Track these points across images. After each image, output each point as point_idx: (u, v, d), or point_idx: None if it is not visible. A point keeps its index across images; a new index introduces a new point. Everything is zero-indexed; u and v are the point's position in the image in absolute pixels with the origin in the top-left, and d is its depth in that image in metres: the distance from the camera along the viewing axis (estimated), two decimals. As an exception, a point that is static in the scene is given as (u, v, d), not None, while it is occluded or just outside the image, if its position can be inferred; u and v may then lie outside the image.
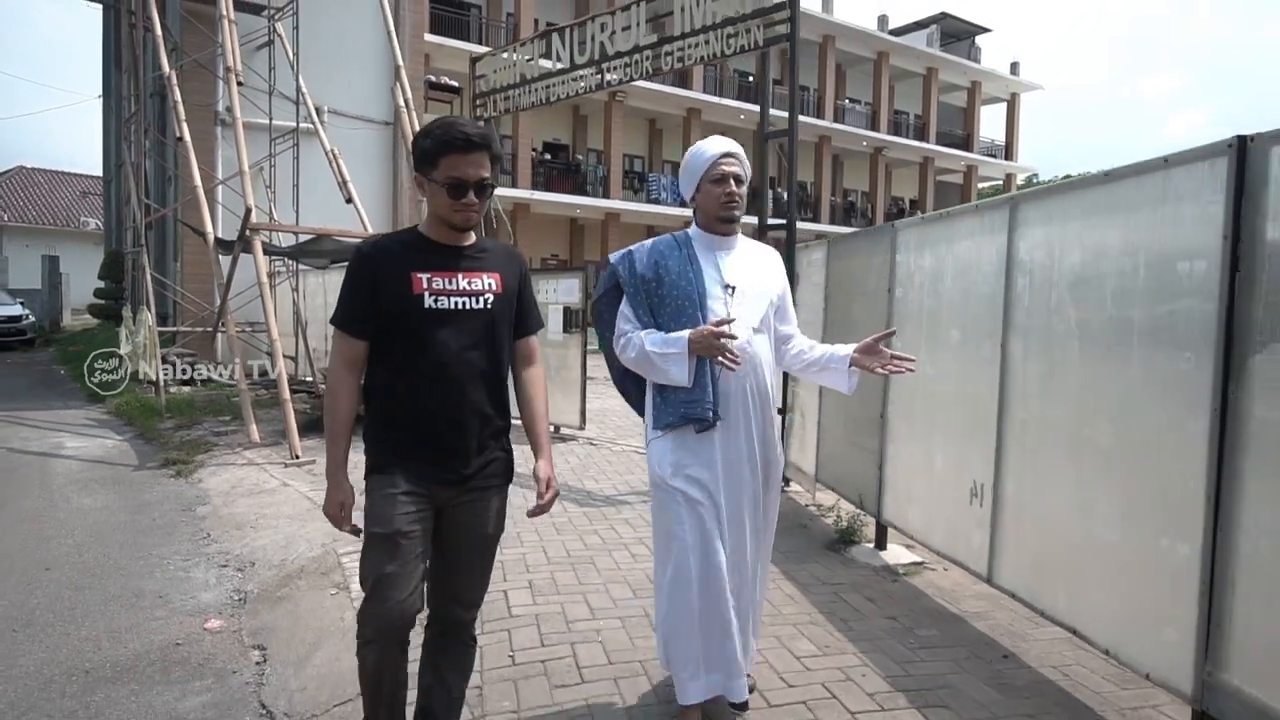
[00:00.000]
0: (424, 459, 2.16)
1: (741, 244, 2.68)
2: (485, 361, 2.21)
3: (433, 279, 2.15)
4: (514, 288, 2.29)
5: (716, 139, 2.65)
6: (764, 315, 2.59)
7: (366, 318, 2.14)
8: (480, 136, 2.11)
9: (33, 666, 3.32)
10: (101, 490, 6.35)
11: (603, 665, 3.07)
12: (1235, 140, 2.27)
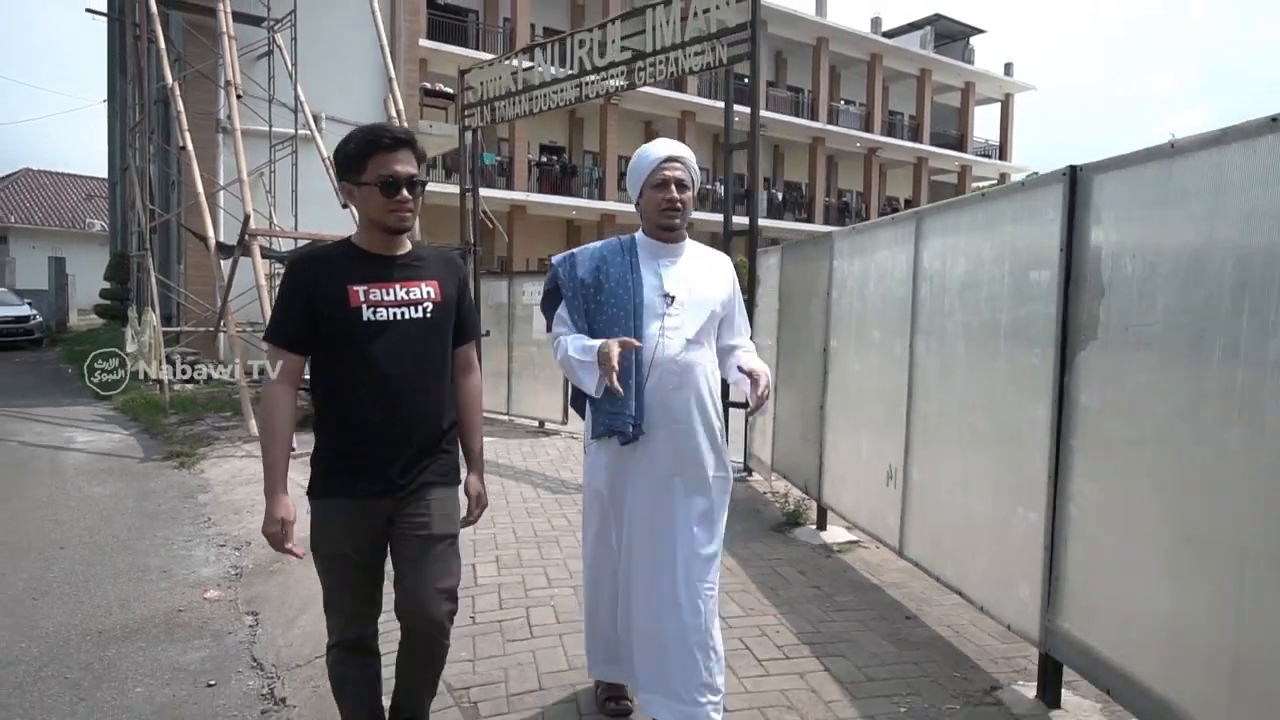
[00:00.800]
0: (368, 471, 2.13)
1: (690, 251, 2.58)
2: (427, 370, 2.19)
3: (369, 290, 2.11)
4: (453, 295, 2.26)
5: (662, 142, 2.56)
6: (702, 326, 2.49)
7: (302, 332, 2.12)
8: (404, 134, 2.12)
9: (52, 628, 3.76)
10: (110, 480, 6.80)
11: (551, 624, 3.51)
12: (1068, 169, 2.69)
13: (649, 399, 2.42)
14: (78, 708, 3.04)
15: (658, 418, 2.43)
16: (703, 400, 2.49)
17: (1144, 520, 2.35)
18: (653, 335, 2.44)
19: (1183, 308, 2.19)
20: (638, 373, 2.40)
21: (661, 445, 2.44)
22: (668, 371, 2.43)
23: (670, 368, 2.42)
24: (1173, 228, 2.26)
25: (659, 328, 2.44)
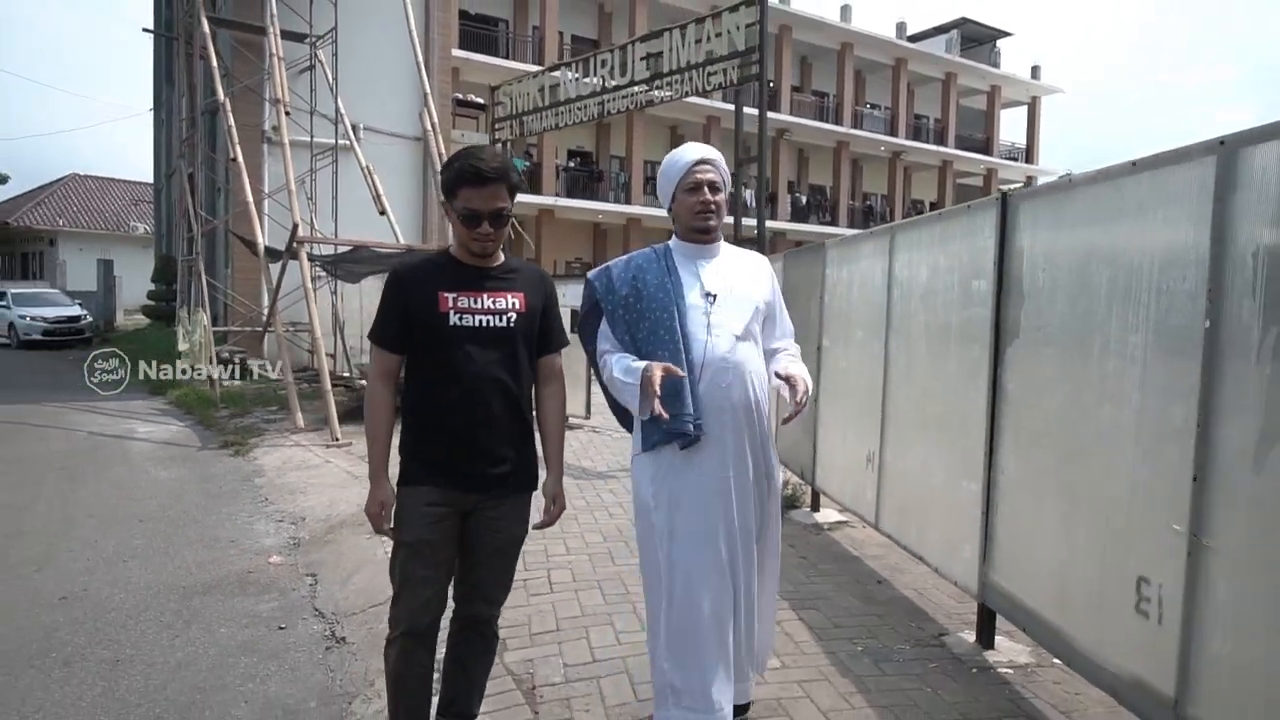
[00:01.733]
0: (448, 467, 2.27)
1: (725, 251, 2.59)
2: (507, 375, 2.29)
3: (458, 298, 2.25)
4: (538, 307, 2.36)
5: (692, 146, 2.58)
6: (748, 323, 2.47)
7: (398, 334, 2.29)
8: (495, 170, 2.18)
9: (143, 584, 4.40)
10: (174, 465, 7.49)
11: (568, 582, 4.07)
12: (1000, 195, 3.20)
13: (704, 398, 2.39)
14: (175, 641, 3.66)
15: (712, 418, 2.39)
16: (752, 397, 2.46)
17: (1047, 487, 2.86)
18: (699, 335, 2.42)
19: (1072, 312, 2.70)
20: (690, 374, 2.36)
21: (716, 446, 2.40)
22: (719, 370, 2.40)
23: (721, 366, 2.40)
24: (1066, 247, 2.77)
25: (705, 326, 2.42)
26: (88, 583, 4.39)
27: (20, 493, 6.35)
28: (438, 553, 2.27)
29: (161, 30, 22.81)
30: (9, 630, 3.76)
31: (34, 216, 35.51)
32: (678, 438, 2.37)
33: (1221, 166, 2.10)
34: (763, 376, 2.52)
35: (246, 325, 13.39)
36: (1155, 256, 2.34)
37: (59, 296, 24.06)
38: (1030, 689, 2.98)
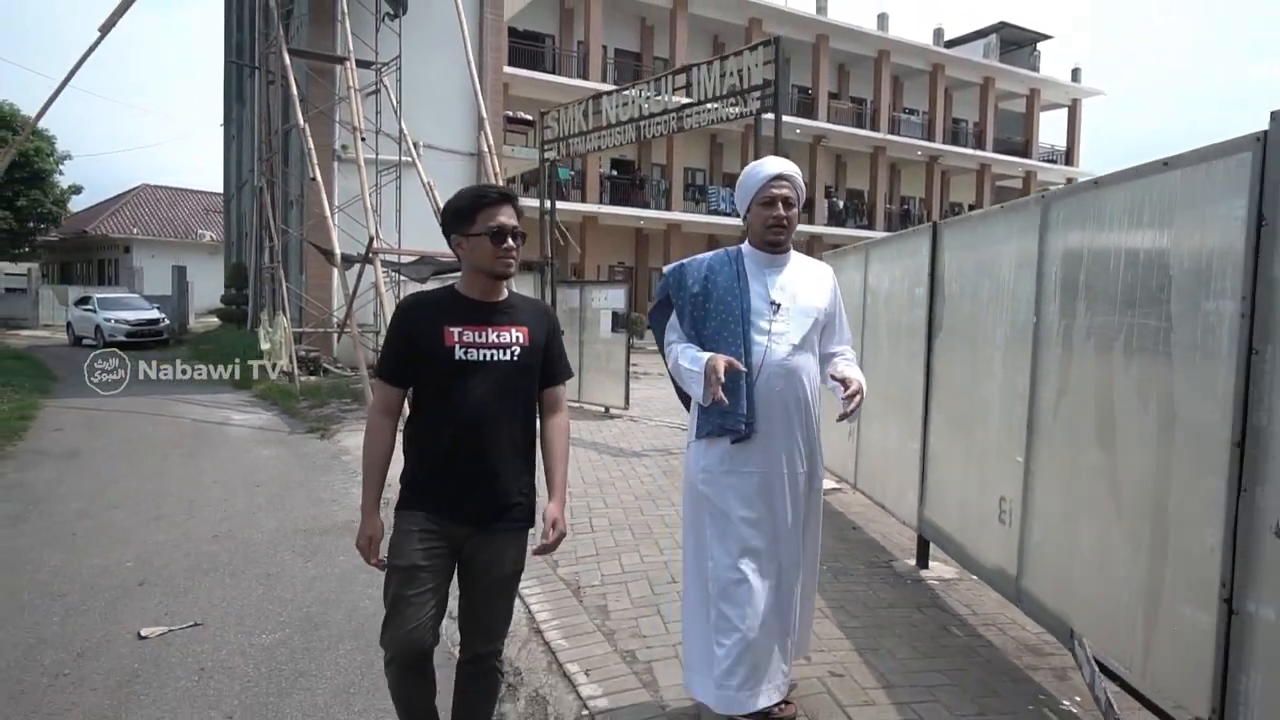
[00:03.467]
0: (447, 497, 2.28)
1: (794, 261, 2.71)
2: (510, 409, 2.33)
3: (464, 332, 2.28)
4: (541, 341, 2.40)
5: (772, 160, 2.68)
6: (806, 333, 2.61)
7: (401, 368, 2.30)
8: (504, 192, 2.33)
9: (272, 528, 5.58)
10: (271, 446, 8.76)
11: (606, 527, 5.16)
12: (932, 224, 4.20)
13: (758, 400, 2.55)
14: (307, 565, 4.82)
15: (764, 416, 2.56)
16: (804, 402, 2.61)
17: (955, 442, 3.87)
18: (760, 341, 2.56)
19: (970, 313, 3.71)
20: (748, 375, 2.53)
21: (765, 441, 2.56)
22: (774, 375, 2.55)
23: (777, 371, 2.55)
24: (969, 263, 3.78)
25: (767, 334, 2.57)
26: (230, 527, 5.59)
27: (155, 464, 7.65)
28: (429, 580, 2.25)
29: (233, 54, 24.56)
30: (180, 555, 4.96)
31: (109, 225, 37.69)
32: (730, 432, 2.55)
33: (1042, 216, 3.11)
34: (815, 381, 2.66)
35: (319, 327, 14.76)
36: (1010, 270, 3.35)
37: (139, 301, 25.84)
38: (947, 593, 3.98)
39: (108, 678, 3.34)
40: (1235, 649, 2.06)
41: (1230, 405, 2.09)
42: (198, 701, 3.15)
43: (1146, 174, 2.51)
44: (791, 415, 2.59)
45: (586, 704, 2.93)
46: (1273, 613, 1.97)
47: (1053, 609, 2.96)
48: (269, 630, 3.84)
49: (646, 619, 3.69)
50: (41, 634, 3.76)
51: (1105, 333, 2.68)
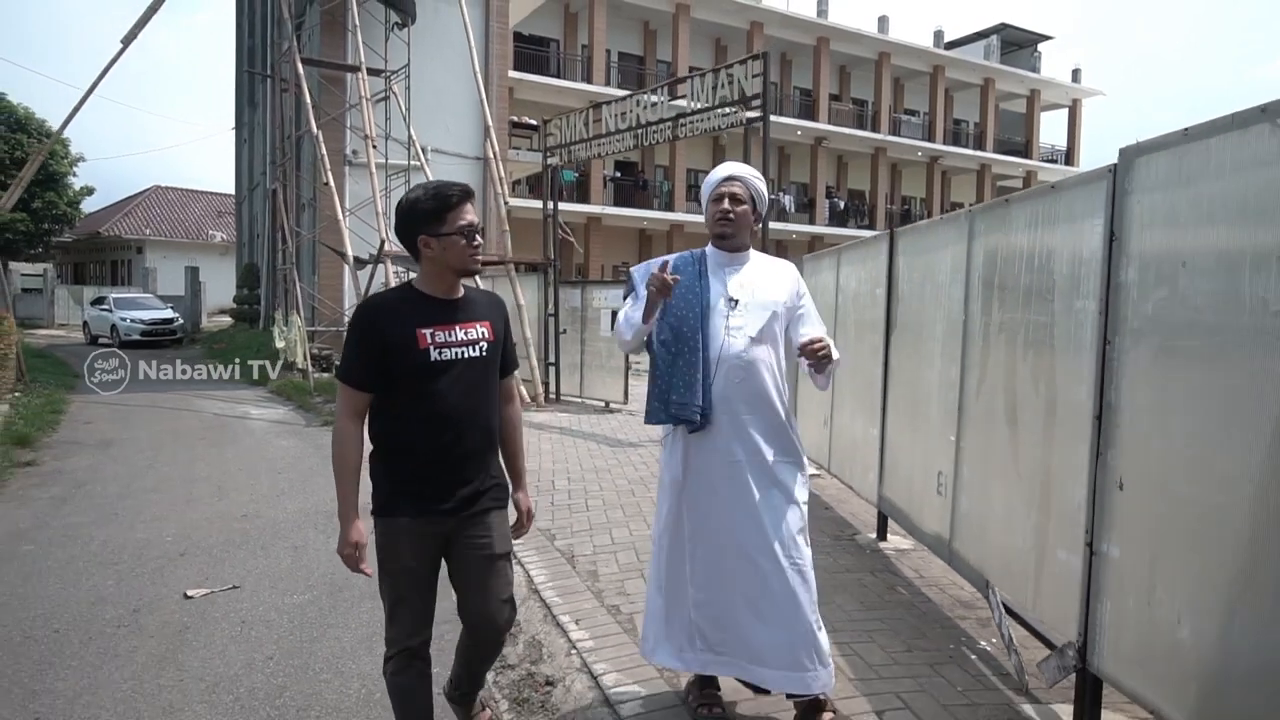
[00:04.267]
0: (426, 495, 2.31)
1: (754, 259, 2.80)
2: (482, 402, 2.39)
3: (435, 333, 2.30)
4: (501, 333, 2.46)
5: (726, 165, 2.84)
6: (764, 326, 2.66)
7: (372, 373, 2.27)
8: (467, 189, 2.35)
9: (295, 509, 6.10)
10: (289, 437, 9.29)
11: (599, 506, 5.66)
12: (889, 231, 4.69)
13: (716, 393, 2.62)
14: (329, 540, 5.32)
15: (723, 410, 2.62)
16: (766, 393, 2.65)
17: (905, 424, 4.36)
18: (719, 335, 2.64)
19: (917, 310, 4.20)
20: (705, 369, 2.62)
21: (727, 435, 2.62)
22: (733, 367, 2.62)
23: (735, 363, 2.62)
24: (917, 267, 4.27)
25: (724, 328, 2.65)
26: (258, 508, 6.11)
27: (183, 453, 8.19)
28: (423, 579, 2.36)
29: (245, 59, 25.14)
30: (215, 531, 5.47)
31: (122, 226, 38.28)
32: (686, 422, 2.63)
33: (970, 226, 3.59)
34: (777, 375, 2.70)
35: (331, 325, 15.30)
36: (947, 273, 3.83)
37: (153, 301, 26.44)
38: (900, 561, 4.47)
39: (163, 628, 3.85)
40: (1094, 583, 2.55)
41: (1092, 386, 2.58)
42: (242, 646, 3.66)
43: (1040, 196, 3.01)
44: (753, 402, 2.64)
45: (575, 645, 3.43)
46: (1118, 551, 2.45)
47: (974, 564, 3.46)
48: (299, 592, 4.36)
49: (631, 581, 4.19)
50: (100, 594, 4.28)
51: (1011, 327, 3.17)
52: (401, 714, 2.43)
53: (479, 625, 2.47)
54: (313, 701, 3.16)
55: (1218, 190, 2.11)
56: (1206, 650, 2.10)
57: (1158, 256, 2.32)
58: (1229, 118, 2.08)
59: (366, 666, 3.45)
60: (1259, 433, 1.93)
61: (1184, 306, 2.20)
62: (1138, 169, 2.42)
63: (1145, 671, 2.33)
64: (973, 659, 3.22)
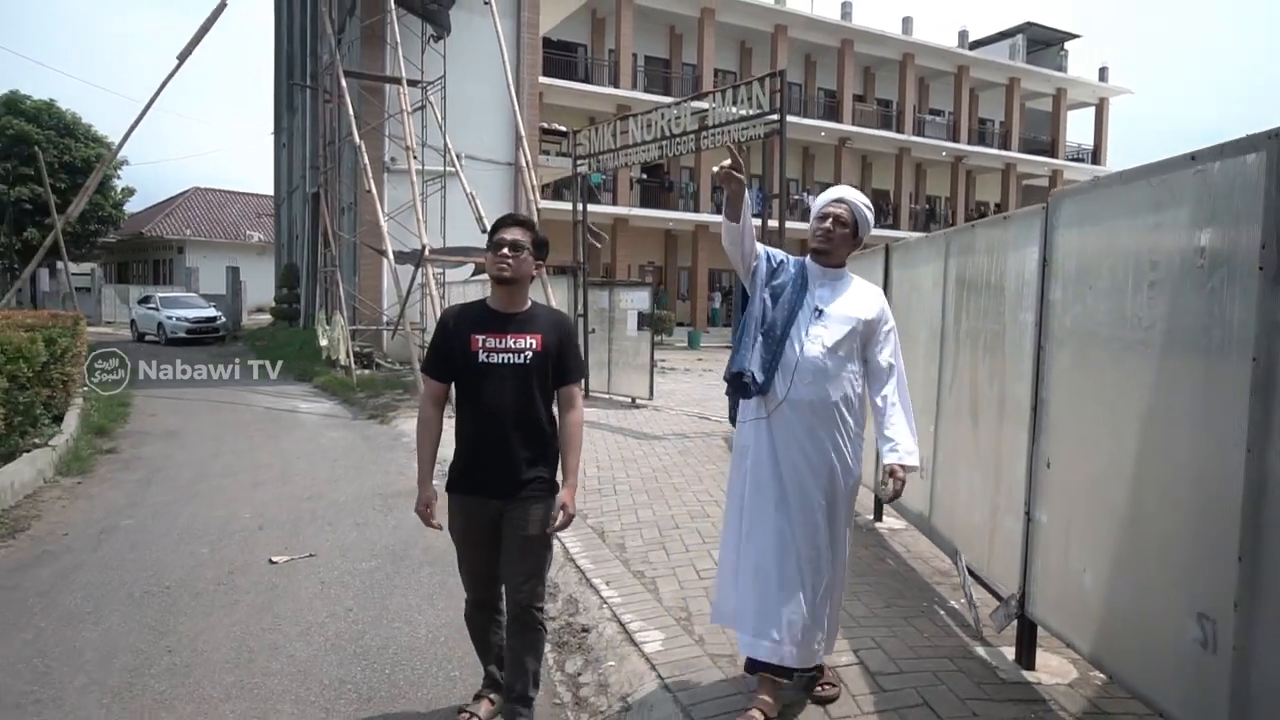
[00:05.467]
0: (475, 479, 2.80)
1: (847, 278, 2.98)
2: (523, 403, 2.77)
3: (486, 339, 2.76)
4: (554, 346, 2.82)
5: (837, 188, 3.05)
6: (841, 339, 2.82)
7: (440, 367, 2.83)
8: (514, 217, 2.88)
9: (353, 491, 6.79)
10: (339, 429, 10.02)
11: (626, 491, 6.29)
12: (885, 246, 5.26)
13: (792, 392, 2.80)
14: (387, 517, 6.00)
15: (796, 409, 2.80)
16: (834, 401, 2.82)
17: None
18: (799, 339, 2.83)
19: (906, 318, 4.77)
20: (784, 368, 2.81)
21: (798, 428, 2.80)
22: (807, 371, 2.79)
23: (808, 367, 2.79)
24: (906, 280, 4.85)
25: (806, 334, 2.83)
26: (319, 491, 6.81)
27: (244, 442, 8.95)
28: (478, 544, 2.86)
29: (283, 66, 26.06)
30: (285, 510, 6.17)
31: (164, 227, 39.55)
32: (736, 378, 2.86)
33: (946, 245, 4.17)
34: (851, 388, 2.86)
35: (371, 325, 16.08)
36: (929, 286, 4.41)
37: (197, 300, 27.47)
38: (892, 538, 5.06)
39: (256, 585, 4.54)
40: (1030, 544, 3.13)
41: (1029, 383, 3.16)
42: (324, 601, 4.33)
43: (996, 224, 3.59)
44: (822, 409, 2.80)
45: (605, 601, 4.06)
46: (1045, 517, 3.03)
47: (946, 536, 4.04)
48: (366, 559, 5.03)
49: (654, 552, 4.81)
50: (198, 560, 4.98)
51: (974, 334, 3.75)
52: (475, 645, 3.10)
53: (508, 595, 2.89)
54: (389, 643, 3.82)
55: (1110, 229, 2.69)
56: (1100, 591, 2.68)
57: (1074, 280, 2.89)
58: (1121, 174, 2.66)
59: (430, 618, 4.10)
60: (1132, 421, 2.51)
61: (1089, 321, 2.78)
62: (1063, 208, 3.00)
63: (1062, 612, 2.92)
64: (941, 614, 3.80)
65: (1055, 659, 3.26)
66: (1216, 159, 2.20)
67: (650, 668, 3.31)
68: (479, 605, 3.01)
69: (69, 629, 3.93)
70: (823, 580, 2.84)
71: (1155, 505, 2.42)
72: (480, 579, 2.95)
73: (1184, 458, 2.29)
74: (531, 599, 2.86)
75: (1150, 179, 2.49)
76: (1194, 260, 2.26)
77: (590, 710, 3.18)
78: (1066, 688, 3.05)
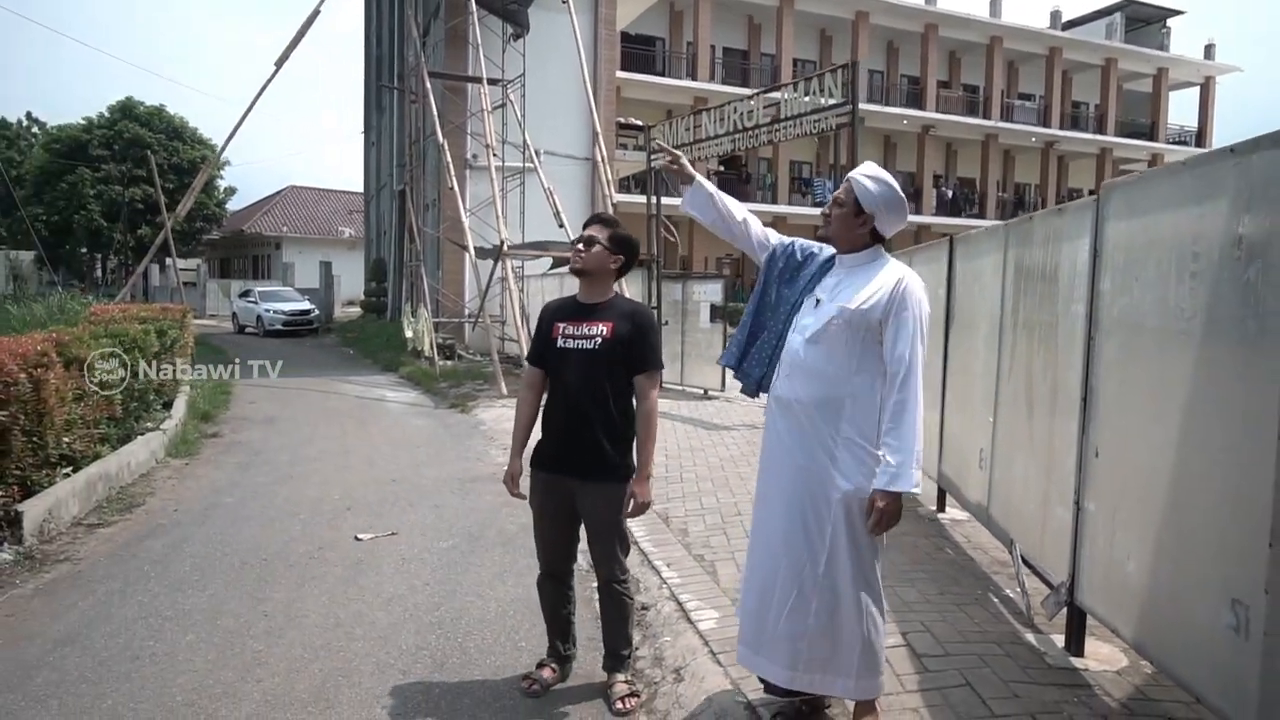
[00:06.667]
0: (552, 455, 3.03)
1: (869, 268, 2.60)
2: (595, 387, 2.94)
3: (565, 326, 3.02)
4: (625, 334, 2.95)
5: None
6: (820, 330, 2.55)
7: (535, 353, 3.12)
8: (602, 216, 3.16)
9: (433, 476, 7.15)
10: (421, 418, 10.48)
11: (692, 479, 6.45)
12: (949, 237, 5.27)
13: (774, 388, 2.70)
14: (463, 502, 6.31)
15: (780, 406, 2.64)
16: (823, 404, 2.53)
17: (959, 408, 4.95)
18: (791, 328, 2.67)
19: (968, 308, 4.79)
20: (774, 358, 2.73)
21: (784, 431, 2.63)
22: (784, 364, 2.64)
23: (787, 360, 2.63)
24: (969, 270, 4.86)
25: (795, 326, 2.66)
26: (402, 474, 7.20)
27: (335, 429, 9.48)
28: (549, 518, 3.11)
29: (373, 68, 27.03)
30: (371, 492, 6.55)
31: (263, 224, 41.42)
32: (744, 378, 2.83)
33: (1005, 237, 4.18)
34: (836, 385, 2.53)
35: (453, 317, 16.64)
36: (990, 276, 4.42)
37: (292, 294, 28.78)
38: (953, 529, 5.08)
39: (343, 559, 4.89)
40: (1079, 533, 3.16)
41: (1080, 373, 3.18)
42: (404, 575, 4.64)
43: (1053, 214, 3.60)
44: (801, 411, 2.56)
45: (665, 581, 4.24)
46: (1093, 506, 3.07)
47: (1002, 525, 4.07)
48: (443, 539, 5.33)
49: (715, 537, 4.97)
50: (291, 536, 5.37)
51: (1030, 325, 3.77)
52: (544, 615, 3.32)
53: (594, 569, 3.21)
54: (462, 615, 4.08)
55: (1157, 221, 2.71)
56: (1142, 578, 2.71)
57: (1123, 270, 2.92)
58: (1168, 166, 2.67)
59: (500, 593, 4.36)
60: (1173, 410, 2.54)
61: (1135, 311, 2.80)
62: (1114, 200, 3.02)
63: (1107, 599, 2.95)
64: (995, 602, 3.84)
65: (1106, 647, 3.28)
66: (1254, 151, 2.22)
67: (703, 643, 3.48)
68: (549, 576, 3.24)
69: (179, 594, 4.34)
70: (809, 604, 2.54)
71: (1193, 492, 2.45)
72: (550, 551, 3.18)
73: (1220, 446, 2.32)
74: (611, 575, 3.12)
75: (1193, 170, 2.51)
76: (1232, 251, 2.29)
77: (645, 680, 3.36)
78: (1114, 675, 3.08)
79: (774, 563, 2.64)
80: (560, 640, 3.34)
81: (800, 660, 2.57)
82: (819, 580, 2.55)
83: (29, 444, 5.26)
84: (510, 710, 3.17)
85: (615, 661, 3.22)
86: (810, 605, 2.55)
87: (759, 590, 2.68)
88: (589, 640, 3.50)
